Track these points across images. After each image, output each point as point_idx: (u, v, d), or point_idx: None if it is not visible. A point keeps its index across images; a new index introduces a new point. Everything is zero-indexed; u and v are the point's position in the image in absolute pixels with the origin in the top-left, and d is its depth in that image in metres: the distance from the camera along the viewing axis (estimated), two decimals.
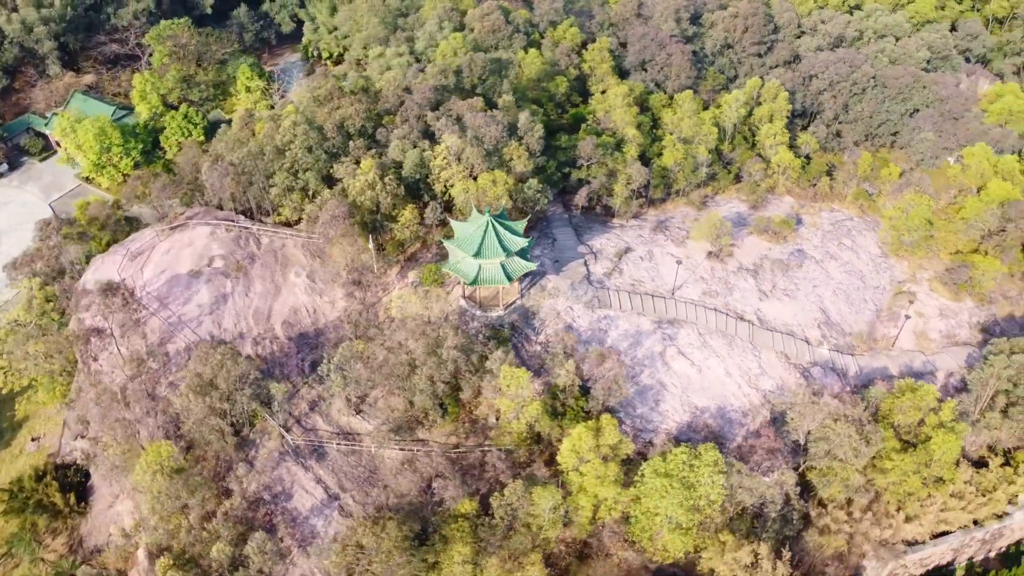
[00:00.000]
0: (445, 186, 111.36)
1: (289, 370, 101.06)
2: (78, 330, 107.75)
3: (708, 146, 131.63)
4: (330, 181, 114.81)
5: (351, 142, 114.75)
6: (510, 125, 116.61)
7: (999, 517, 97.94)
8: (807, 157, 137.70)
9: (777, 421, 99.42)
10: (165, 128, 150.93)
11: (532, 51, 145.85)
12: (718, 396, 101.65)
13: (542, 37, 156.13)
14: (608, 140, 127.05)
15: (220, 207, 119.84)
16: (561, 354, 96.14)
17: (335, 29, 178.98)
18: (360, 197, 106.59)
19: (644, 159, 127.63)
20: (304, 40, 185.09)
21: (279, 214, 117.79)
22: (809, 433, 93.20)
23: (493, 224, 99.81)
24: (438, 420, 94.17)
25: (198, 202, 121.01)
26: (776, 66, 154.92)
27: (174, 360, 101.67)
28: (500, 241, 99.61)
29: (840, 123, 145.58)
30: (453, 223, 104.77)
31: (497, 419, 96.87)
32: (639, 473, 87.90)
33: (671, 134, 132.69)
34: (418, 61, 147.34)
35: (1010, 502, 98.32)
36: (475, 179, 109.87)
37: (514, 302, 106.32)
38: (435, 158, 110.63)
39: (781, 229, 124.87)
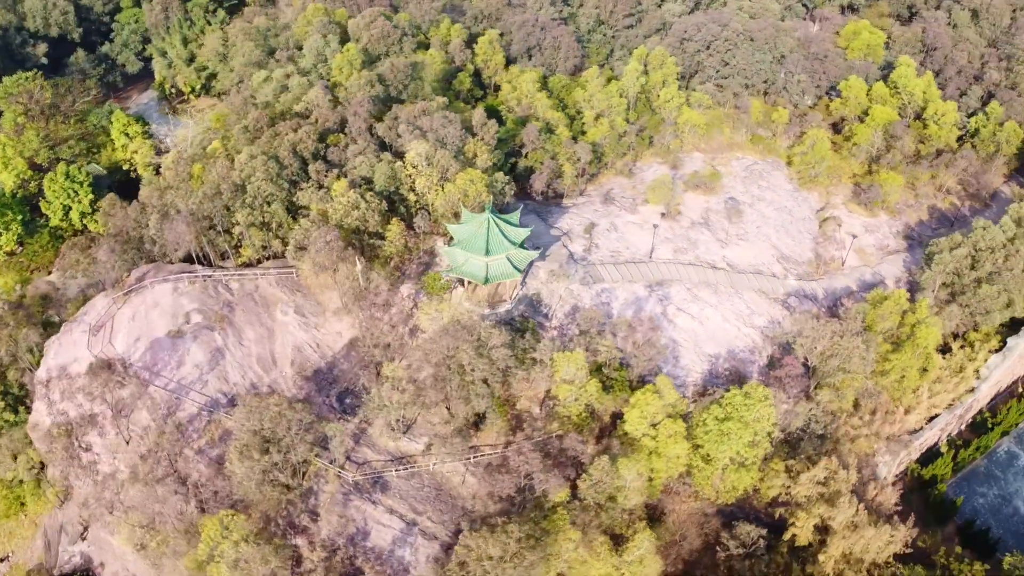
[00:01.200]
0: (418, 193, 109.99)
1: (320, 409, 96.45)
2: (54, 424, 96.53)
3: (621, 117, 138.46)
4: (293, 211, 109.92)
5: (309, 166, 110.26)
6: (464, 124, 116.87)
7: (971, 391, 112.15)
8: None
9: (779, 352, 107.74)
10: (42, 193, 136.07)
11: (432, 51, 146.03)
12: (724, 341, 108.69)
13: (427, 38, 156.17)
14: (540, 125, 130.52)
15: (170, 261, 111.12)
16: (593, 332, 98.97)
17: (192, 60, 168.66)
18: (346, 219, 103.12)
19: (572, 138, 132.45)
20: (157, 77, 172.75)
21: (239, 255, 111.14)
22: (821, 353, 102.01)
23: (495, 220, 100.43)
24: (496, 421, 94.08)
25: (141, 260, 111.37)
26: (649, 35, 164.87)
27: (193, 427, 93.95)
28: (504, 235, 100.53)
29: (722, 78, 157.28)
30: (450, 227, 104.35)
31: (540, 408, 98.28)
32: (698, 423, 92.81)
33: (590, 110, 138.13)
34: (306, 76, 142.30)
35: (977, 376, 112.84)
36: (447, 182, 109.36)
37: (516, 294, 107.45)
38: (406, 167, 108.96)
39: (711, 182, 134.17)
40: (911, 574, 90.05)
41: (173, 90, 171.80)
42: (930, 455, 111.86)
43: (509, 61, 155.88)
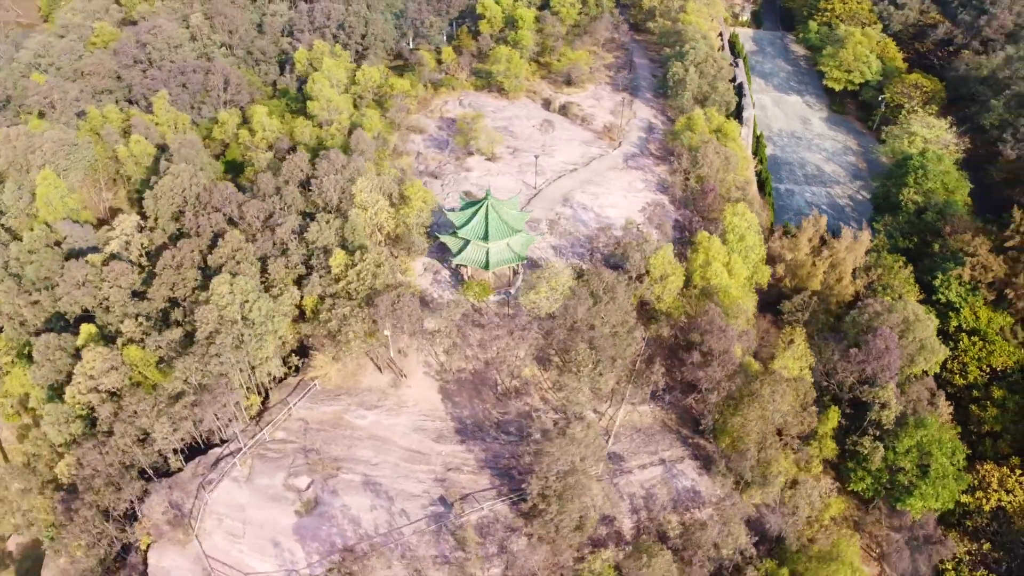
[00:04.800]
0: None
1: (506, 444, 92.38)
2: None
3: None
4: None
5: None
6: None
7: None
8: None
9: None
10: None
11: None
12: (624, 205, 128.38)
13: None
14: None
15: None
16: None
17: None
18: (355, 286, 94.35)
19: None
20: None
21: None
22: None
23: (494, 206, 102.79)
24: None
25: None
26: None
27: None
28: (504, 221, 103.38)
29: (366, 47, 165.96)
30: (451, 215, 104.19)
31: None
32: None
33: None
34: None
35: None
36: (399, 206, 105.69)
37: (518, 279, 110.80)
38: (359, 207, 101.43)
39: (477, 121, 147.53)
40: None
41: None
42: None
43: None
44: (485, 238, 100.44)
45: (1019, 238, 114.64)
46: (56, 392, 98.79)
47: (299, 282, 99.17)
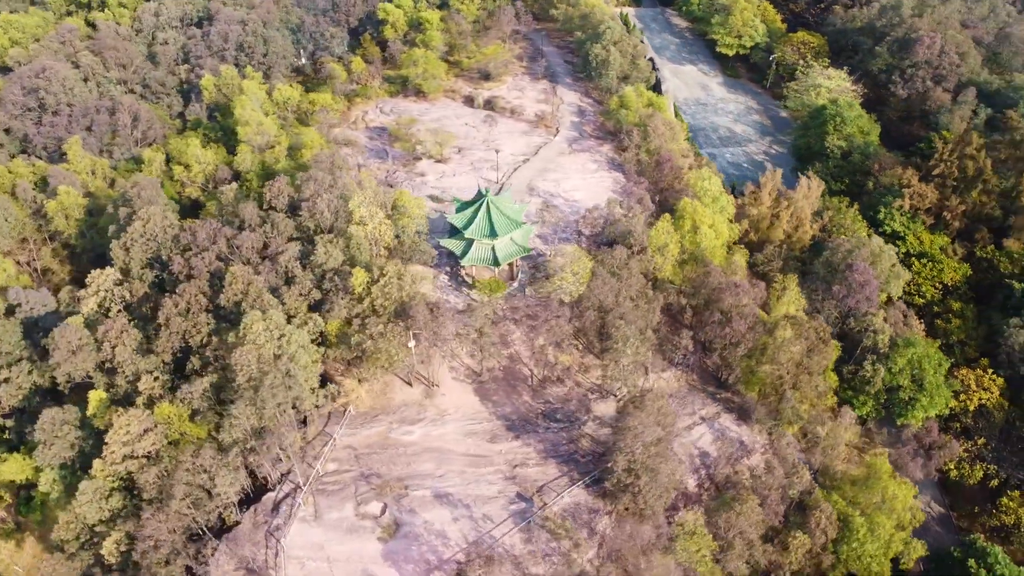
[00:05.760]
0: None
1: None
2: None
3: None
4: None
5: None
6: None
7: None
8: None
9: None
10: None
11: None
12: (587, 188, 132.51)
13: None
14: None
15: None
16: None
17: None
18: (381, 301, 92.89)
19: None
20: None
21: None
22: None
23: (493, 202, 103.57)
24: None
25: None
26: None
27: None
28: (505, 215, 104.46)
29: (268, 66, 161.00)
30: (450, 217, 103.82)
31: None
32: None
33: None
34: None
35: None
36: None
37: (519, 269, 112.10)
38: (358, 224, 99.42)
39: (411, 125, 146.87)
40: None
41: None
42: None
43: None
44: (491, 235, 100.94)
45: (943, 165, 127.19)
46: (69, 470, 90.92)
47: (315, 308, 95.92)
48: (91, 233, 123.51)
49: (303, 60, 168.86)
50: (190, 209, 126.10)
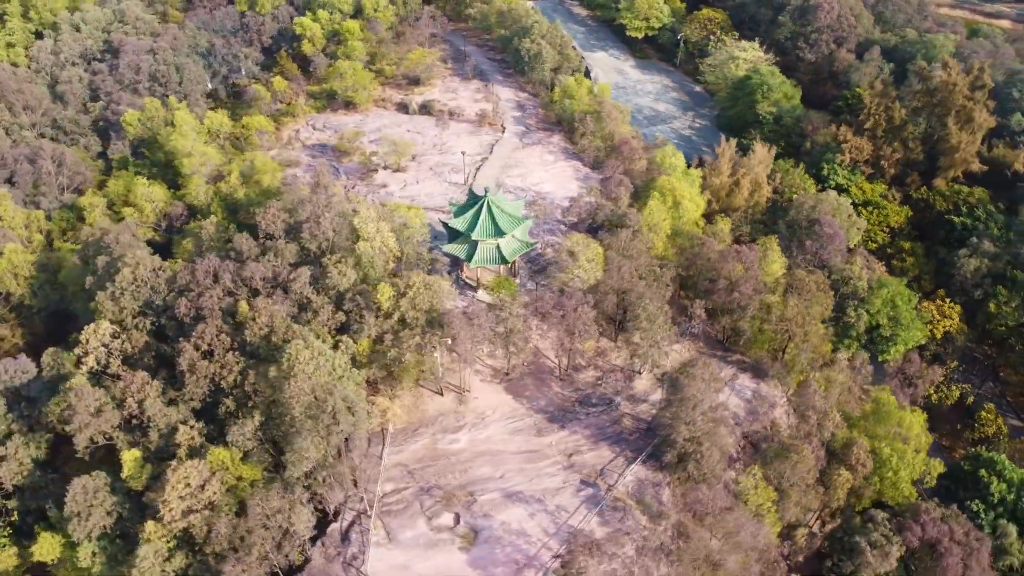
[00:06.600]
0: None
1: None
2: None
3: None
4: None
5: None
6: None
7: None
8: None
9: None
10: None
11: None
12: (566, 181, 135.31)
13: None
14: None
15: None
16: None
17: None
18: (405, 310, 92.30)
19: None
20: None
21: None
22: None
23: (493, 201, 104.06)
24: None
25: None
26: None
27: None
28: (507, 213, 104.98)
29: (176, 89, 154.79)
30: (450, 222, 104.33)
31: None
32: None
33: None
34: None
35: None
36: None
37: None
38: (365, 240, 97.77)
39: (355, 139, 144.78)
40: None
41: None
42: None
43: None
44: (497, 234, 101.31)
45: (873, 119, 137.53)
46: (108, 539, 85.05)
47: (339, 331, 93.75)
48: (45, 291, 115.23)
49: (217, 84, 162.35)
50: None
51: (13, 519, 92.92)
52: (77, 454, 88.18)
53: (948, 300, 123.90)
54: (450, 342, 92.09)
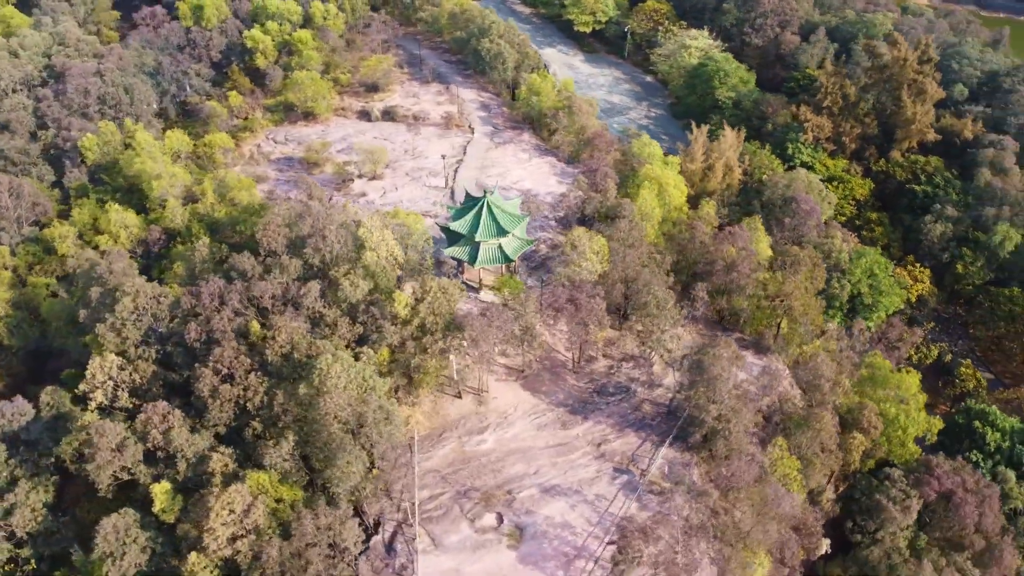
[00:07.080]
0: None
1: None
2: None
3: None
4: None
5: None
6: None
7: None
8: None
9: None
10: None
11: None
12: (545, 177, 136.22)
13: None
14: None
15: None
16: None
17: None
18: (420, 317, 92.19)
19: None
20: None
21: None
22: None
23: (492, 201, 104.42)
24: None
25: None
26: None
27: None
28: (507, 212, 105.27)
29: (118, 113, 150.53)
30: (451, 225, 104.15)
31: None
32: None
33: None
34: None
35: None
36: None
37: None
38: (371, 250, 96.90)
39: (323, 149, 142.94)
40: None
41: None
42: None
43: None
44: (499, 234, 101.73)
45: (829, 98, 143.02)
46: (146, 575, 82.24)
47: (356, 342, 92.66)
48: (22, 329, 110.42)
49: (167, 103, 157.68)
50: None
51: (31, 567, 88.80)
52: (99, 493, 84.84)
53: (918, 265, 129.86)
54: (467, 344, 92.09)
